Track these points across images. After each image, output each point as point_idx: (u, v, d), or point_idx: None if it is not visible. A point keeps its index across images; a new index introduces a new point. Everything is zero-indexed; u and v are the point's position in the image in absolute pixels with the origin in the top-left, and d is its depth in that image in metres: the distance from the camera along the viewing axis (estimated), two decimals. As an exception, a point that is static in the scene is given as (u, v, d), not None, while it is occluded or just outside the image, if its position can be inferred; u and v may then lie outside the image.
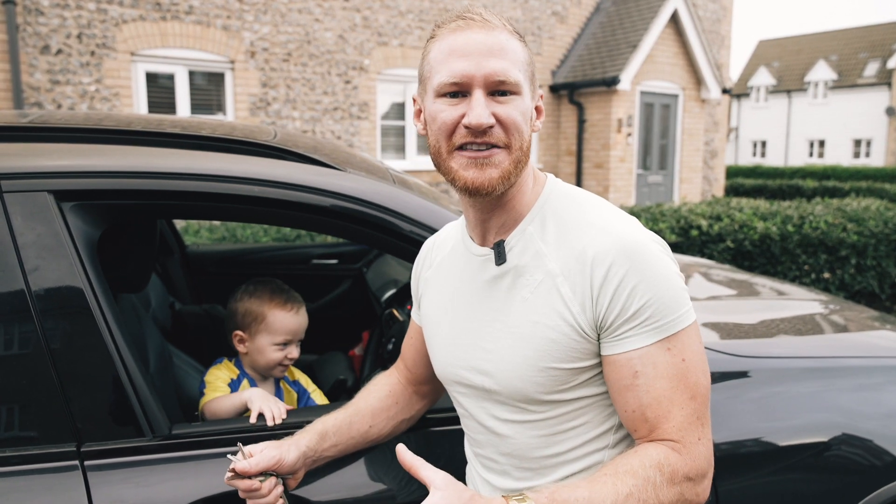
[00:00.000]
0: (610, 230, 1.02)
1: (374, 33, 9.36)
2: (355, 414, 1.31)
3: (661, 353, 1.00)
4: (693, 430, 1.01)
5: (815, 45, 33.53)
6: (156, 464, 1.26)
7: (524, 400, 1.07)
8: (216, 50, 8.15)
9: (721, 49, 13.53)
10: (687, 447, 1.00)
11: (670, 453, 0.99)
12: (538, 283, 1.04)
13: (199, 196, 1.36)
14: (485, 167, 0.99)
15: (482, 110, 0.96)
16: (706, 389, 1.03)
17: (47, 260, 1.24)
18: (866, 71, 30.26)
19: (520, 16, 10.82)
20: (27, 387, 1.21)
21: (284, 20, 8.59)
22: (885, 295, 6.09)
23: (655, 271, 0.99)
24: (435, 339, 1.21)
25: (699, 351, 1.03)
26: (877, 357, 1.87)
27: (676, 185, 12.40)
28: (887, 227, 6.02)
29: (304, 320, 1.74)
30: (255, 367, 1.72)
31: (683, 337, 1.01)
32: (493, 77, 0.97)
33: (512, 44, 1.00)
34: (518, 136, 1.00)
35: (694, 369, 1.01)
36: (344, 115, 9.21)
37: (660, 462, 0.98)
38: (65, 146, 1.37)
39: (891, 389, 1.79)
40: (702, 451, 1.01)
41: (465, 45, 0.98)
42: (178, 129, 1.53)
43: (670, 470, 0.98)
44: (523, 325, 1.05)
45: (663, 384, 1.00)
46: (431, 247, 1.29)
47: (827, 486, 1.62)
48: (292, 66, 8.70)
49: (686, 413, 1.00)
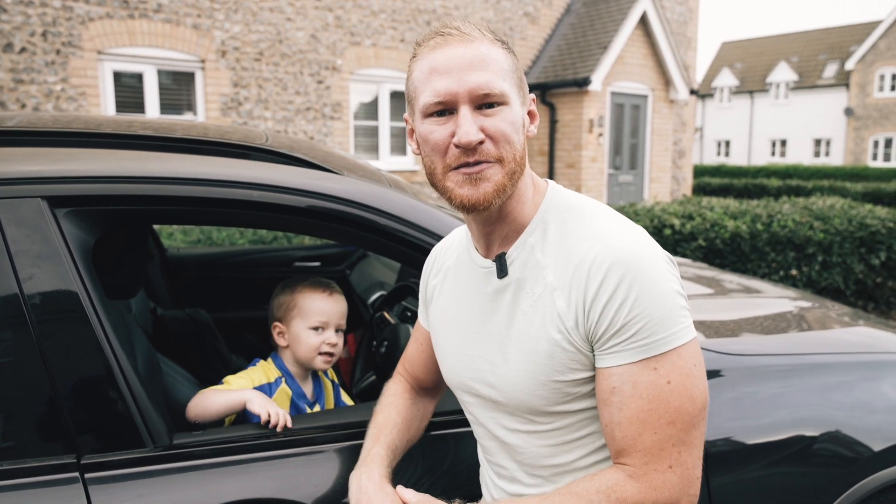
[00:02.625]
0: (608, 240, 0.99)
1: (347, 33, 9.30)
2: (405, 431, 1.28)
3: (644, 372, 0.95)
4: (663, 457, 0.95)
5: (776, 47, 34.33)
6: (157, 475, 1.23)
7: (530, 412, 1.07)
8: (186, 49, 8.01)
9: (688, 50, 13.76)
10: (648, 475, 0.95)
11: (625, 480, 0.96)
12: (537, 297, 1.03)
13: (197, 201, 1.34)
14: (478, 182, 0.97)
15: (469, 127, 0.95)
16: (693, 415, 0.96)
17: (42, 268, 1.20)
18: (825, 72, 31.08)
19: (492, 16, 10.86)
20: (24, 398, 1.18)
21: (256, 19, 8.48)
22: (850, 291, 6.26)
23: (650, 285, 0.95)
24: (443, 347, 1.21)
25: (691, 374, 0.96)
26: (854, 353, 1.93)
27: (646, 185, 12.58)
28: (851, 225, 6.19)
29: (340, 305, 1.71)
30: (296, 359, 1.69)
31: (674, 357, 0.95)
32: (476, 91, 0.95)
33: (494, 53, 0.98)
34: (509, 148, 0.98)
35: (679, 393, 0.95)
36: (317, 116, 9.13)
37: (609, 487, 0.96)
38: (57, 150, 1.33)
39: (871, 385, 1.85)
40: (670, 480, 0.95)
41: (446, 62, 0.96)
42: (173, 132, 1.51)
43: (617, 497, 0.95)
44: (524, 339, 1.04)
45: (639, 404, 0.95)
46: (437, 254, 1.28)
47: (810, 481, 1.66)
48: (264, 65, 8.60)
49: (658, 438, 0.95)
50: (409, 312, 2.09)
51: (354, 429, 1.37)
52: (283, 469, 1.31)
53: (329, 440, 1.36)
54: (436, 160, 1.00)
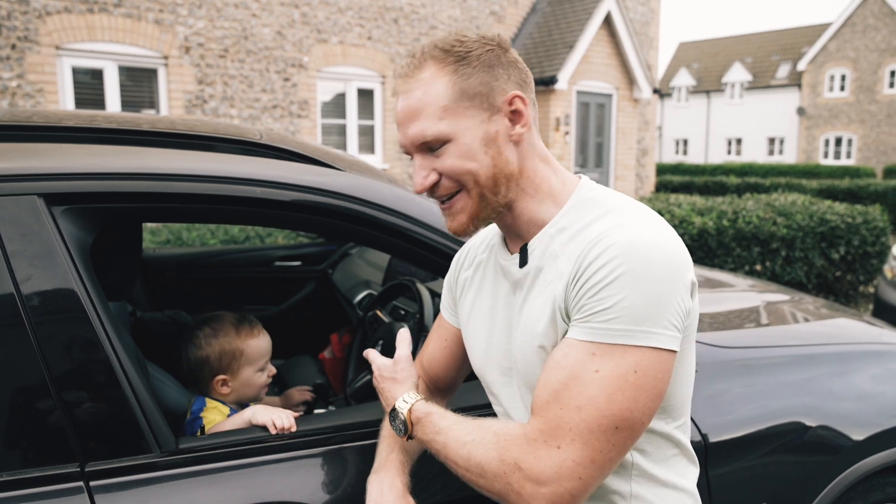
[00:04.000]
0: (620, 226, 0.97)
1: (314, 30, 9.19)
2: None
3: (581, 350, 0.93)
4: (557, 433, 0.93)
5: (732, 48, 35.16)
6: (165, 481, 1.19)
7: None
8: (148, 45, 7.81)
9: (650, 50, 14.00)
10: (537, 442, 0.94)
11: (520, 436, 0.97)
12: (548, 284, 1.04)
13: (199, 198, 1.30)
14: (453, 216, 1.07)
15: (419, 176, 1.04)
16: (604, 416, 0.91)
17: (40, 269, 1.15)
18: (779, 73, 31.96)
19: (458, 15, 10.87)
20: (23, 404, 1.13)
21: (220, 15, 8.32)
22: (812, 284, 6.45)
23: (640, 277, 0.91)
24: (473, 339, 1.22)
25: (626, 381, 0.91)
26: (841, 344, 1.99)
27: (612, 183, 12.76)
28: (812, 221, 6.38)
29: (268, 337, 1.75)
30: (241, 399, 1.68)
31: (619, 355, 0.91)
32: (416, 142, 1.03)
33: (430, 92, 1.00)
34: (468, 176, 1.02)
35: (600, 387, 0.91)
36: (284, 114, 9.01)
37: (505, 434, 0.99)
38: (53, 146, 1.28)
39: (860, 374, 1.90)
40: (551, 458, 0.93)
41: (398, 116, 1.05)
42: (168, 127, 1.46)
43: (504, 445, 0.97)
44: (537, 324, 1.05)
45: (559, 375, 0.95)
46: (471, 248, 1.30)
47: (802, 470, 1.71)
48: (229, 62, 8.44)
49: (561, 415, 0.93)
50: (402, 311, 2.07)
51: (365, 428, 1.35)
52: (293, 471, 1.28)
53: (340, 440, 1.34)
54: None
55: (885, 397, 1.90)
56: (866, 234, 6.50)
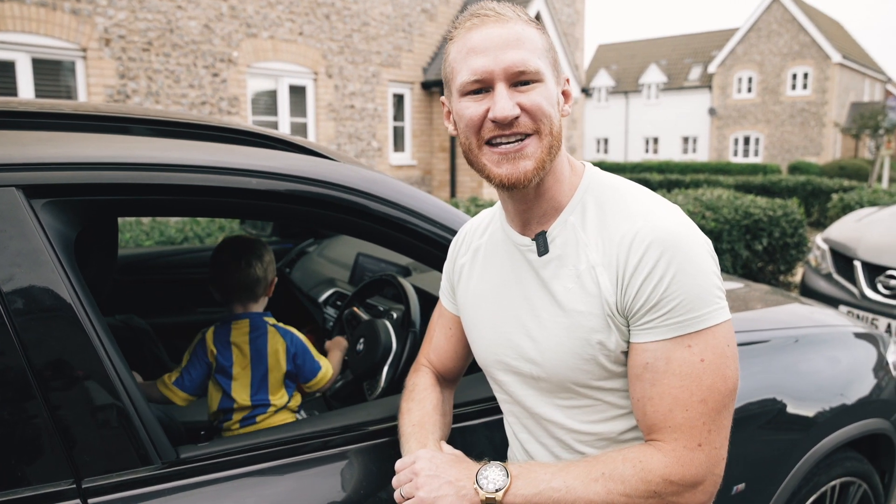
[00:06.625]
0: (649, 218, 1.01)
1: (243, 24, 8.89)
2: (444, 427, 1.24)
3: (678, 349, 0.97)
4: (693, 434, 0.96)
5: (648, 51, 36.58)
6: (167, 494, 1.11)
7: (574, 385, 1.08)
8: (64, 36, 7.34)
9: (576, 51, 14.35)
10: (677, 451, 0.96)
11: (653, 453, 0.98)
12: (580, 274, 1.04)
13: (191, 190, 1.21)
14: (517, 161, 1.00)
15: (505, 102, 0.97)
16: (725, 395, 0.97)
17: (23, 267, 1.04)
18: (691, 75, 33.49)
19: (390, 11, 10.79)
20: (8, 416, 1.02)
21: (143, 6, 7.92)
22: (739, 274, 6.79)
23: (688, 264, 0.96)
24: (477, 327, 1.19)
25: (724, 354, 0.98)
26: (799, 328, 2.09)
27: (542, 180, 13.01)
28: (738, 214, 6.71)
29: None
30: None
31: (708, 336, 0.96)
32: (512, 69, 0.98)
33: (528, 32, 1.00)
34: (547, 121, 1.00)
35: (713, 372, 0.96)
36: (213, 110, 8.67)
37: (636, 457, 0.98)
38: (32, 134, 1.16)
39: (818, 356, 2.00)
40: (698, 458, 0.96)
41: (482, 42, 0.98)
42: (153, 116, 1.36)
43: (643, 467, 0.96)
44: (567, 315, 1.05)
45: (671, 381, 0.97)
46: (466, 233, 1.28)
47: (773, 447, 1.78)
48: (154, 56, 8.05)
49: (689, 416, 0.96)
50: (380, 308, 2.02)
51: (375, 426, 1.30)
52: (298, 476, 1.22)
53: (347, 442, 1.28)
54: (471, 136, 1.02)
55: (840, 377, 2.01)
56: (786, 227, 6.90)
